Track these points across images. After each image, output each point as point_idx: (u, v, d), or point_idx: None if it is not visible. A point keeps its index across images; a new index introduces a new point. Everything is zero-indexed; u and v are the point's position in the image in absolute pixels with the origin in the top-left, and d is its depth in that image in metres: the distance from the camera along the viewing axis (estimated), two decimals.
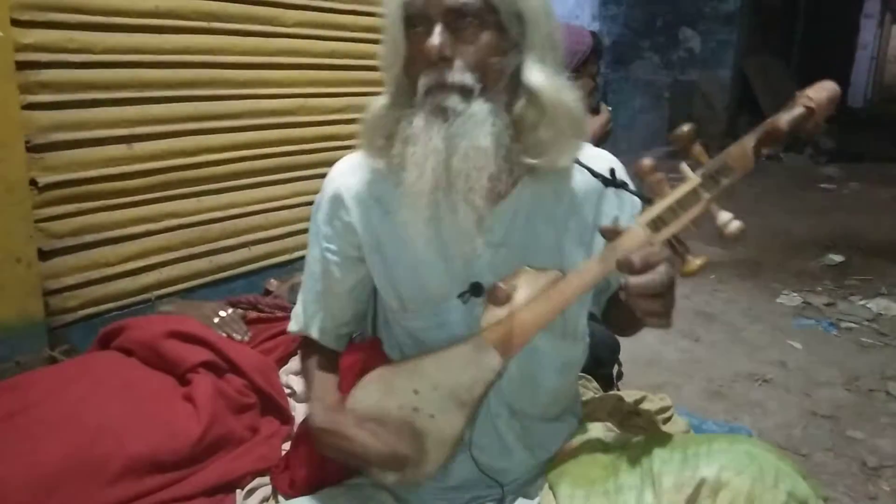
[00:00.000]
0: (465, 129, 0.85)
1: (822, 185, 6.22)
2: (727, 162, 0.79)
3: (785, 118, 0.77)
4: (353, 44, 2.57)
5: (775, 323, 2.99)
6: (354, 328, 1.11)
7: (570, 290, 0.86)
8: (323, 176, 1.04)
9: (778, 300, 3.27)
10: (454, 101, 0.85)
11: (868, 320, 3.00)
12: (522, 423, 1.03)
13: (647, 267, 0.78)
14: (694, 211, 0.80)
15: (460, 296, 0.95)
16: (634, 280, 0.78)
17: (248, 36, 2.22)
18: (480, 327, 0.90)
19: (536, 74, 0.88)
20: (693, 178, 0.80)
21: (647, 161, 0.80)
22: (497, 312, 0.89)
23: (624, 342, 1.77)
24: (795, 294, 3.33)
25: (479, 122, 0.85)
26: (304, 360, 1.10)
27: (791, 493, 0.83)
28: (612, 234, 0.83)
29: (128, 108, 1.92)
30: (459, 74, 0.85)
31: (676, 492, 0.85)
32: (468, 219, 0.87)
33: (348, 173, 1.01)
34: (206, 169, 2.15)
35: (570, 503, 0.92)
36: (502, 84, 0.88)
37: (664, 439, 0.95)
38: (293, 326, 1.10)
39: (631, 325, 1.05)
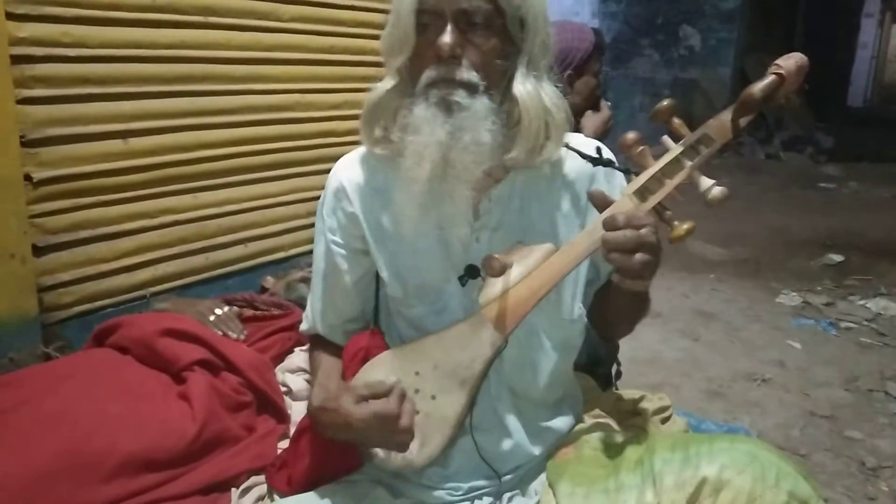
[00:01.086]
0: (468, 124, 0.89)
1: (822, 185, 6.22)
2: (706, 132, 0.85)
3: (757, 86, 0.82)
4: (351, 39, 2.55)
5: (774, 322, 2.99)
6: (361, 325, 1.13)
7: (563, 262, 0.89)
8: (320, 172, 1.05)
9: (777, 300, 3.27)
10: (461, 95, 0.89)
11: (867, 320, 3.00)
12: (523, 406, 1.04)
13: (630, 225, 0.81)
14: (677, 178, 0.85)
15: (459, 279, 0.99)
16: (614, 234, 0.81)
17: (245, 31, 2.21)
18: (478, 306, 0.92)
19: (525, 82, 0.92)
20: (675, 148, 0.85)
21: (630, 134, 0.85)
22: (493, 290, 0.91)
23: (623, 341, 1.75)
24: (795, 294, 3.33)
25: (482, 117, 0.89)
26: (312, 355, 1.14)
27: (792, 492, 0.83)
28: (601, 201, 0.87)
29: (123, 103, 1.91)
30: (467, 73, 0.89)
31: (677, 491, 0.85)
32: (463, 205, 0.92)
33: (349, 167, 1.05)
34: (203, 165, 2.14)
35: (569, 501, 0.92)
36: (503, 84, 0.93)
37: (665, 439, 0.96)
38: (304, 326, 1.15)
39: (615, 316, 1.05)
